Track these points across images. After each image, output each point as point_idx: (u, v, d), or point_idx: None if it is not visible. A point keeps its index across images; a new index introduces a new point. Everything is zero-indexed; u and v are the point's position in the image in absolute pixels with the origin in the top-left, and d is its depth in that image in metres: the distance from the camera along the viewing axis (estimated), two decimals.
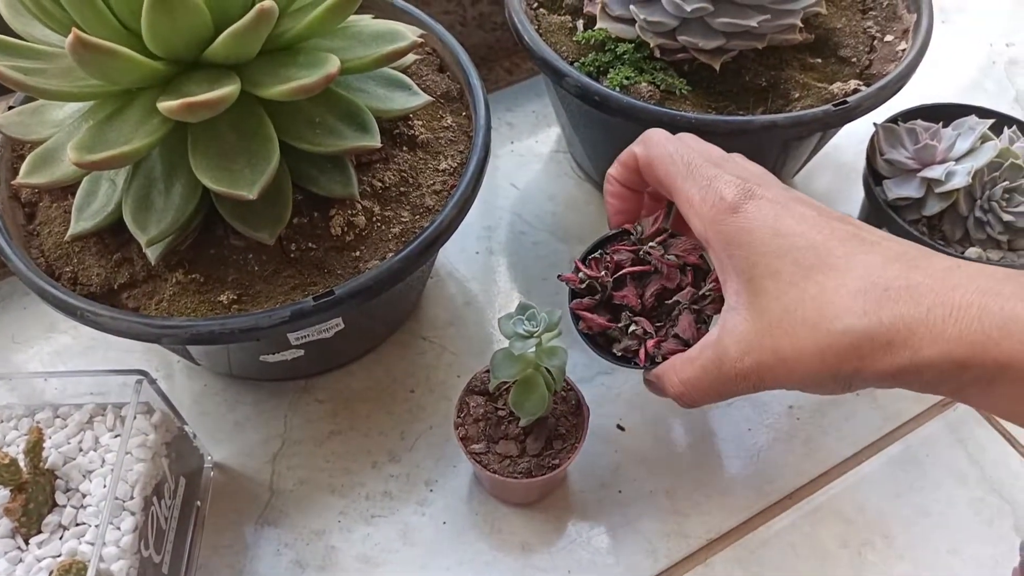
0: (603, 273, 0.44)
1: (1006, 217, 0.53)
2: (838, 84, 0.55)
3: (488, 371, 0.48)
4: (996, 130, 0.57)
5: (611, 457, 0.54)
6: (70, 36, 0.36)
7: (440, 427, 0.56)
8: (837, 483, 0.53)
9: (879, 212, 0.56)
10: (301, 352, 0.50)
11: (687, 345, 0.42)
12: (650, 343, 0.42)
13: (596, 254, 0.45)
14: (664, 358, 0.42)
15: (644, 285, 0.44)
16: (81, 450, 0.46)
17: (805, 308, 0.33)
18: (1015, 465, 0.54)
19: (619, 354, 0.44)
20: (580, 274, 0.45)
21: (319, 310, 0.44)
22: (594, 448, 0.54)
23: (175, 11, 0.38)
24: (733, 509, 0.52)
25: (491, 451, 0.48)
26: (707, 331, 0.41)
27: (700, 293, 0.43)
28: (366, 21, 0.49)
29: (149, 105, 0.41)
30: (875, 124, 0.59)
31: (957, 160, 0.55)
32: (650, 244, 0.44)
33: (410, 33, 0.47)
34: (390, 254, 0.47)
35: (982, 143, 0.55)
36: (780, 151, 0.58)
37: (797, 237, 0.34)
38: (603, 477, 0.53)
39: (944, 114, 0.59)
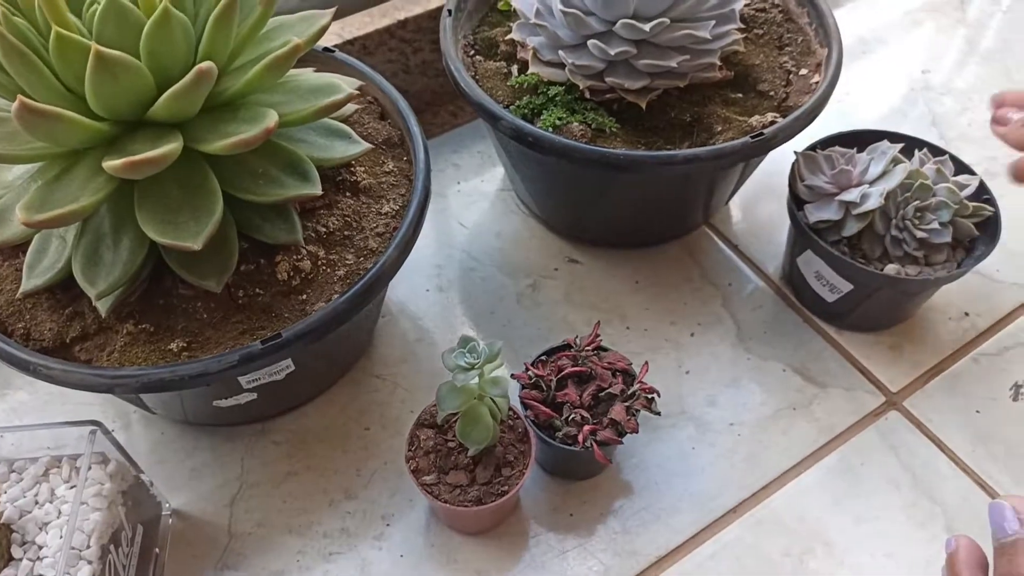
0: (548, 373, 0.52)
1: (919, 234, 0.57)
2: (756, 117, 0.59)
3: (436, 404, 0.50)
4: (908, 153, 0.61)
5: (561, 481, 0.56)
6: (16, 103, 0.38)
7: (394, 462, 0.57)
8: (778, 495, 0.56)
9: (803, 235, 0.59)
10: (254, 395, 0.52)
11: (620, 432, 0.50)
12: (587, 428, 0.50)
13: (543, 359, 0.54)
14: (599, 442, 0.49)
15: (583, 387, 0.52)
16: (37, 503, 0.47)
17: None
18: (944, 468, 0.57)
19: (560, 439, 0.50)
20: (528, 372, 0.52)
21: (267, 353, 0.45)
22: (543, 473, 0.56)
23: (117, 74, 0.40)
24: (680, 526, 0.54)
25: (442, 482, 0.49)
26: (636, 422, 0.50)
27: (630, 392, 0.51)
28: (306, 75, 0.52)
29: (95, 164, 0.43)
30: (795, 152, 0.62)
31: (871, 183, 0.59)
32: (587, 349, 0.53)
33: (347, 85, 0.50)
34: (336, 296, 0.49)
35: (894, 166, 0.59)
36: (707, 181, 0.62)
37: None
38: (554, 501, 0.55)
39: (860, 140, 0.63)
